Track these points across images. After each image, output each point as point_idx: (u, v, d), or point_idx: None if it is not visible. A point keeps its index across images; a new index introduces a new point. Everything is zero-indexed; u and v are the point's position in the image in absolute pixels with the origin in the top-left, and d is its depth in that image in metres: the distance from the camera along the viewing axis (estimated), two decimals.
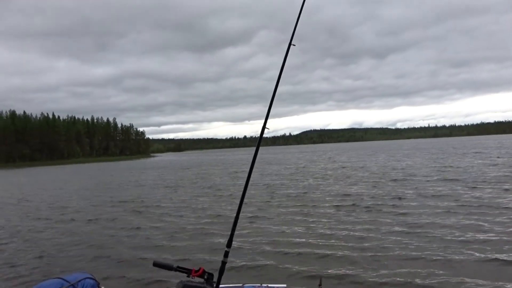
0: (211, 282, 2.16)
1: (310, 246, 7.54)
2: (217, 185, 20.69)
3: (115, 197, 17.47)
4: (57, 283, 2.76)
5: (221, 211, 12.05)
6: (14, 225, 11.69)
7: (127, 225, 10.60)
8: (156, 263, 2.36)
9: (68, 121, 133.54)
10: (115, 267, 6.76)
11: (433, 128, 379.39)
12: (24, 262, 7.36)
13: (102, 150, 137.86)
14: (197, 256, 7.16)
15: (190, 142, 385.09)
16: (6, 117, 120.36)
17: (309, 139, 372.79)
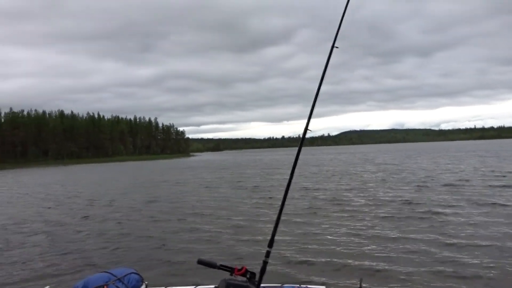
0: (253, 281, 2.17)
1: (350, 247, 7.43)
2: (258, 185, 20.76)
3: (159, 195, 17.93)
4: (105, 277, 2.88)
5: (262, 212, 12.10)
6: (63, 220, 12.23)
7: (172, 223, 10.86)
8: (200, 260, 2.40)
9: (112, 121, 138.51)
10: (158, 264, 6.94)
11: (479, 129, 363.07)
12: (73, 256, 7.70)
13: (144, 148, 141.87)
14: (238, 255, 7.25)
15: (229, 142, 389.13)
16: (55, 117, 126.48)
17: (348, 140, 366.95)
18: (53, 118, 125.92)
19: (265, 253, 2.30)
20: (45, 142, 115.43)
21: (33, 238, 9.42)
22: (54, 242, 8.91)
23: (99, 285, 2.76)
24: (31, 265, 7.11)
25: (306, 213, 11.38)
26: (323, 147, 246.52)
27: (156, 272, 6.38)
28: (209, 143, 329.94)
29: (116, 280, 2.86)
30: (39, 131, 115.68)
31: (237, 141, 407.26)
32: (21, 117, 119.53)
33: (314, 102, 2.73)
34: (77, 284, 2.92)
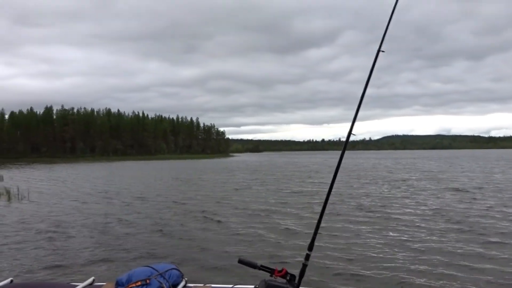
0: (293, 283, 2.16)
1: (389, 257, 7.25)
2: (299, 188, 20.68)
3: (201, 194, 18.26)
4: (147, 271, 2.97)
5: (302, 215, 12.08)
6: (107, 215, 12.71)
7: (213, 222, 11.04)
8: (241, 260, 2.42)
9: (156, 120, 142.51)
10: (198, 261, 7.07)
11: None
12: (116, 250, 7.99)
13: (186, 148, 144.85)
14: (278, 257, 7.28)
15: (268, 143, 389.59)
16: (103, 115, 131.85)
17: (391, 145, 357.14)
18: (101, 116, 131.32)
19: (305, 256, 2.30)
20: (92, 139, 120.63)
21: (79, 231, 9.85)
22: (99, 235, 9.28)
23: (142, 279, 2.85)
24: (76, 256, 7.43)
25: (348, 218, 11.20)
26: (364, 151, 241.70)
27: (196, 269, 6.50)
28: (248, 144, 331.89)
29: (158, 275, 2.94)
30: (87, 128, 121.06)
31: (276, 143, 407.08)
32: (71, 115, 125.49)
33: (359, 106, 2.69)
34: (121, 277, 3.03)
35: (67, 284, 3.20)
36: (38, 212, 12.97)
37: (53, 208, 13.77)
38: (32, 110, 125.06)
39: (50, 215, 12.20)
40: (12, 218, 11.76)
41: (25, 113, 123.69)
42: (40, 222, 10.93)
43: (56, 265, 6.83)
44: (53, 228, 10.14)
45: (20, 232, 9.62)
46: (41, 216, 12.08)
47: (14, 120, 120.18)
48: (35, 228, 10.13)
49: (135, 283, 2.82)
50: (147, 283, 2.83)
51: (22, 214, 12.48)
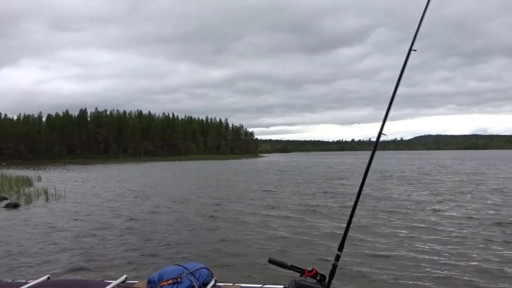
0: (323, 283, 2.15)
1: (422, 261, 7.09)
2: (328, 190, 20.51)
3: (231, 194, 18.41)
4: (178, 270, 3.03)
5: (332, 216, 11.97)
6: (138, 214, 13.00)
7: (243, 222, 11.12)
8: (271, 260, 2.43)
9: (185, 121, 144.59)
10: (228, 261, 7.14)
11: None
12: (148, 249, 8.16)
13: (215, 148, 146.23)
14: (308, 257, 7.27)
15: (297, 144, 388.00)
16: (134, 116, 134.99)
17: (423, 145, 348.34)
18: (132, 117, 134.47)
19: (335, 257, 2.29)
20: (124, 140, 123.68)
21: (113, 231, 10.12)
22: (131, 235, 9.50)
23: (173, 277, 2.91)
24: (110, 255, 7.64)
25: (379, 220, 11.02)
26: (395, 151, 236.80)
27: (226, 269, 6.56)
28: (277, 144, 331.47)
29: (188, 274, 2.98)
30: (119, 130, 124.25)
31: (305, 143, 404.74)
32: (104, 117, 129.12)
33: (390, 105, 2.64)
34: (153, 275, 3.09)
35: (101, 282, 3.29)
36: (74, 212, 13.41)
37: (88, 208, 14.20)
38: (68, 113, 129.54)
39: (85, 215, 12.59)
40: (49, 217, 12.21)
41: (61, 115, 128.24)
42: (76, 222, 11.30)
43: (90, 263, 7.04)
44: (88, 227, 10.45)
45: (56, 231, 9.98)
46: (76, 215, 12.49)
47: (51, 123, 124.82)
48: (71, 227, 10.48)
49: (166, 281, 2.88)
50: (178, 281, 2.88)
51: (58, 214, 12.93)
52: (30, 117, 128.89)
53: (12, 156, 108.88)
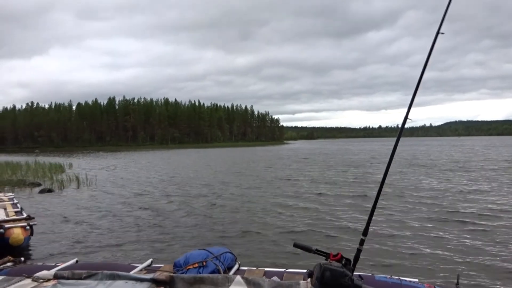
0: (349, 267, 2.15)
1: (449, 242, 6.97)
2: (353, 175, 20.34)
3: (258, 180, 18.52)
4: (203, 254, 3.11)
5: (357, 201, 11.89)
6: (165, 199, 13.26)
7: (267, 208, 11.17)
8: (296, 244, 2.46)
9: (211, 108, 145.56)
10: (252, 245, 7.21)
11: None
12: (174, 233, 8.34)
13: (240, 135, 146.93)
14: (332, 242, 7.30)
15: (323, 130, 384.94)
16: (161, 104, 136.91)
17: (453, 131, 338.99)
18: (159, 105, 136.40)
19: (359, 241, 2.29)
20: (152, 127, 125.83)
21: (140, 216, 10.37)
22: (157, 220, 9.71)
23: (199, 261, 2.99)
24: (136, 239, 7.85)
25: (403, 205, 10.87)
26: (424, 138, 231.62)
27: (249, 253, 6.64)
28: (303, 131, 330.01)
29: (213, 258, 3.06)
30: (147, 118, 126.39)
31: (331, 130, 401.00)
32: (132, 105, 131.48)
33: (416, 90, 2.60)
34: (179, 259, 3.18)
35: (127, 265, 3.40)
36: (103, 198, 13.81)
37: (117, 194, 14.59)
38: (97, 101, 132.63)
39: (114, 201, 12.94)
40: (80, 203, 12.62)
41: (90, 104, 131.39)
42: (105, 208, 11.64)
43: (117, 247, 7.24)
44: (116, 213, 10.75)
45: (86, 216, 10.31)
46: (105, 201, 12.86)
47: (81, 111, 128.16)
48: (99, 212, 10.80)
49: (192, 265, 2.97)
50: (204, 265, 2.96)
51: (89, 200, 13.35)
52: (61, 106, 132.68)
53: (44, 143, 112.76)
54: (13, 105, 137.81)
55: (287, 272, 2.88)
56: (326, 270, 2.03)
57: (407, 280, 2.65)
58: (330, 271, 2.03)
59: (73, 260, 3.53)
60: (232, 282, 2.45)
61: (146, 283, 2.55)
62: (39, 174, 21.38)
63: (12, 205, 8.17)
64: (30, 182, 17.81)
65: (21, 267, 3.32)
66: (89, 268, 2.96)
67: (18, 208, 7.81)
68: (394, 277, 2.66)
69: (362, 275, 2.42)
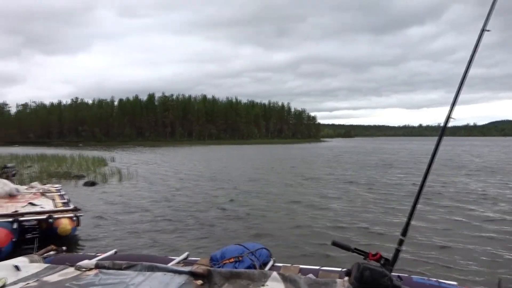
0: (387, 267, 2.12)
1: (491, 247, 6.70)
2: (395, 177, 19.90)
3: (296, 177, 18.48)
4: (239, 249, 3.15)
5: (396, 201, 11.68)
6: (205, 195, 13.49)
7: (304, 206, 11.10)
8: (335, 242, 2.44)
9: (248, 105, 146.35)
10: (287, 243, 7.21)
11: None
12: (211, 228, 8.48)
13: (276, 132, 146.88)
14: (370, 241, 7.22)
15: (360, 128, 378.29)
16: (199, 101, 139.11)
17: (499, 131, 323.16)
18: (197, 102, 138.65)
19: (398, 241, 2.25)
20: (190, 124, 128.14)
21: (178, 209, 10.60)
22: (195, 214, 9.89)
23: (235, 256, 3.03)
24: (173, 232, 8.02)
25: (443, 207, 10.52)
26: (467, 138, 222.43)
27: (284, 250, 6.64)
28: (340, 129, 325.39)
29: (249, 253, 3.10)
30: (185, 114, 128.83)
31: (369, 128, 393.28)
32: (171, 101, 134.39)
33: (460, 87, 2.51)
34: (215, 253, 3.24)
35: (165, 257, 3.50)
36: (144, 192, 14.20)
37: (156, 188, 14.96)
38: (137, 97, 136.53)
39: (153, 195, 13.28)
40: (121, 196, 13.05)
41: (131, 100, 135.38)
42: (144, 201, 11.97)
43: (155, 240, 7.43)
44: (154, 206, 11.04)
45: (126, 209, 10.64)
46: (145, 195, 13.22)
47: (122, 107, 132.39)
48: (139, 206, 11.12)
49: (228, 259, 3.01)
50: (240, 260, 2.99)
51: (129, 193, 13.78)
52: (103, 102, 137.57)
53: (87, 138, 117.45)
54: (59, 100, 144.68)
55: (322, 270, 2.87)
56: (365, 269, 2.01)
57: (445, 283, 2.58)
58: (370, 271, 2.00)
59: (113, 251, 3.66)
60: (268, 278, 2.47)
61: (184, 275, 2.62)
62: (83, 167, 22.28)
63: (59, 196, 8.55)
64: (75, 175, 18.59)
65: (64, 256, 3.48)
66: (128, 259, 3.07)
67: (65, 199, 8.15)
68: (432, 279, 2.60)
69: (401, 276, 2.37)
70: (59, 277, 2.76)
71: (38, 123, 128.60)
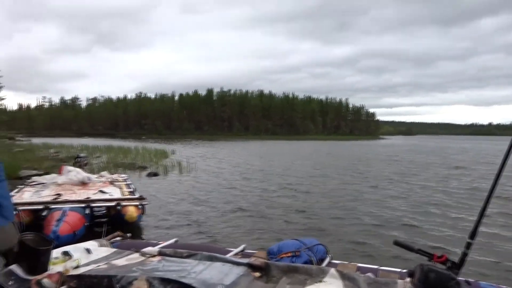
0: (454, 271, 2.04)
1: None
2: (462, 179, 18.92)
3: (360, 175, 18.17)
4: (296, 244, 3.18)
5: (464, 201, 11.22)
6: (264, 189, 13.64)
7: (366, 203, 10.95)
8: (397, 242, 2.39)
9: (304, 100, 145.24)
10: (345, 240, 7.13)
11: None
12: (269, 222, 8.58)
13: (333, 128, 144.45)
14: (434, 243, 6.98)
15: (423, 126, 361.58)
16: (256, 96, 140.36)
17: None
18: (254, 97, 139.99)
19: (465, 245, 2.15)
20: (246, 118, 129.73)
21: (236, 202, 10.82)
22: (252, 208, 10.04)
23: (292, 250, 3.07)
24: (237, 225, 8.20)
25: None
26: None
27: (341, 247, 6.57)
28: (400, 126, 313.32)
29: (306, 249, 3.12)
30: (242, 109, 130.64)
31: (433, 126, 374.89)
32: (228, 96, 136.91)
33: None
34: (272, 247, 3.29)
35: (222, 248, 3.61)
36: (203, 183, 14.62)
37: (215, 181, 15.33)
38: (196, 92, 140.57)
39: (212, 187, 13.63)
40: (182, 187, 13.54)
41: (190, 95, 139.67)
42: (203, 193, 12.33)
43: (213, 231, 7.63)
44: (213, 198, 11.34)
45: (186, 200, 11.04)
46: (204, 187, 13.61)
47: (182, 101, 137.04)
48: (198, 197, 11.48)
49: (286, 253, 3.06)
50: (297, 255, 3.03)
51: (189, 185, 14.24)
52: (164, 96, 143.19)
53: (150, 131, 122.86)
54: (125, 95, 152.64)
55: (381, 269, 2.82)
56: (430, 271, 1.94)
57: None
58: (435, 273, 1.94)
59: (173, 240, 3.84)
60: (326, 274, 2.48)
61: (243, 267, 2.69)
62: (146, 158, 23.37)
63: (126, 185, 9.06)
64: (139, 166, 19.55)
65: (129, 242, 3.71)
66: (188, 248, 3.21)
67: (131, 188, 8.61)
68: (502, 286, 2.47)
69: (469, 281, 2.28)
70: (126, 262, 2.96)
71: (106, 116, 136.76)
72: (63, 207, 6.25)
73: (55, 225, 5.57)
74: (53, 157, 23.80)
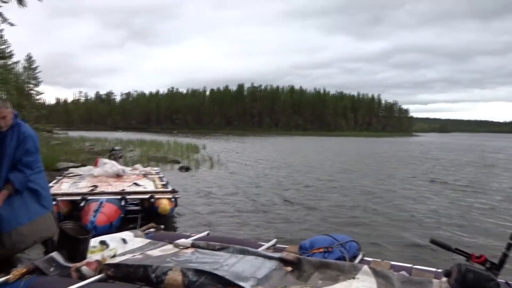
0: (493, 272, 1.98)
1: None
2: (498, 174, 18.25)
3: (395, 170, 17.89)
4: (329, 240, 3.17)
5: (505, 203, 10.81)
6: (298, 184, 13.62)
7: (403, 201, 10.78)
8: (434, 240, 2.35)
9: (336, 96, 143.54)
10: (379, 237, 7.02)
11: None
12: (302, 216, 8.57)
13: (365, 125, 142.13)
14: (470, 242, 6.80)
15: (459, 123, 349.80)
16: (286, 92, 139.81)
17: None
18: (284, 93, 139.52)
19: (506, 245, 2.08)
20: (277, 114, 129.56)
21: (266, 197, 10.85)
22: (283, 202, 10.04)
23: (324, 246, 3.06)
24: (261, 218, 8.24)
25: None
26: None
27: (374, 245, 6.47)
28: (435, 123, 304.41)
29: (338, 245, 3.11)
30: (272, 104, 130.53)
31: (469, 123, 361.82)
32: (259, 91, 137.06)
33: None
34: (304, 242, 3.30)
35: (254, 242, 3.64)
36: (234, 178, 14.72)
37: (247, 176, 15.39)
38: (227, 88, 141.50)
39: (243, 182, 13.70)
40: (213, 182, 13.69)
41: (221, 90, 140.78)
42: (235, 187, 12.42)
43: (244, 224, 7.69)
44: (244, 193, 11.40)
45: (217, 194, 11.15)
46: (236, 182, 13.70)
47: (213, 97, 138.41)
48: (230, 192, 11.58)
49: (318, 249, 3.05)
50: (329, 250, 3.02)
51: (221, 179, 14.38)
52: (196, 91, 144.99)
53: (181, 125, 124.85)
54: (157, 90, 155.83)
55: (415, 268, 2.78)
56: (469, 272, 1.89)
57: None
58: (474, 273, 1.89)
59: (205, 233, 3.90)
60: (359, 271, 2.46)
61: (275, 261, 2.71)
62: (177, 153, 23.75)
63: (159, 178, 9.23)
64: (171, 160, 19.88)
65: (162, 234, 3.81)
66: (220, 241, 3.27)
67: (164, 181, 8.77)
68: None
69: (509, 283, 2.20)
70: (160, 252, 3.05)
71: (139, 110, 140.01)
72: (99, 198, 6.45)
73: (92, 215, 5.76)
74: (89, 150, 24.56)
